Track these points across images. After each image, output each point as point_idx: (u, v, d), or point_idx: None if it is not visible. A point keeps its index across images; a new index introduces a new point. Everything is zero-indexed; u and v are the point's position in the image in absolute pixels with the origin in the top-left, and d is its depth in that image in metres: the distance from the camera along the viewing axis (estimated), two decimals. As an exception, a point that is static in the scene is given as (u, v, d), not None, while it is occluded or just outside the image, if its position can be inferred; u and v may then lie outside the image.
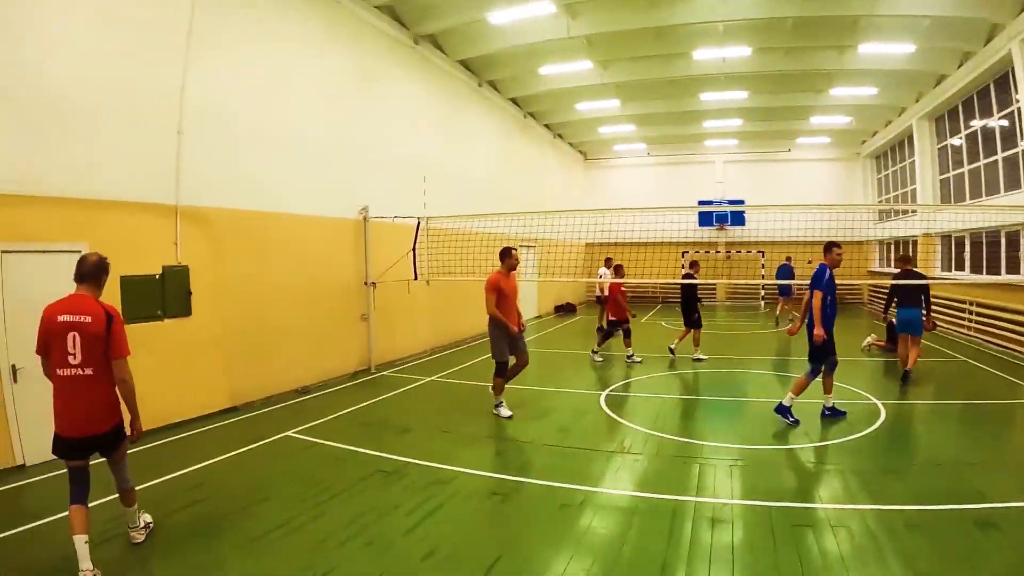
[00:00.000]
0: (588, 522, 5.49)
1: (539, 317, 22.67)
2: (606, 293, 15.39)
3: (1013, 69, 14.81)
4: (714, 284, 29.32)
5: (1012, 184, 16.24)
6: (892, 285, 11.74)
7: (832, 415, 8.79)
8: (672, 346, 14.18)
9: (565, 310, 25.41)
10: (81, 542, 4.29)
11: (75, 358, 4.43)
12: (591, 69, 18.38)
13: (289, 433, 8.38)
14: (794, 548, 4.77)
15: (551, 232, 14.77)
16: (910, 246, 23.12)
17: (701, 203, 28.48)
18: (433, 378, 12.12)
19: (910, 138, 23.15)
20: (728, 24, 15.89)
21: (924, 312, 10.98)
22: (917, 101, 20.99)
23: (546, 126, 25.21)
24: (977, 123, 18.15)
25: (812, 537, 4.97)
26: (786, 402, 8.56)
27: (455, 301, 16.05)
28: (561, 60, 17.63)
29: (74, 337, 4.42)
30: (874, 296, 25.78)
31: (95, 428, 4.56)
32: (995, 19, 14.47)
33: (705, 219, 28.65)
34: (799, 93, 21.68)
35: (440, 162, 16.16)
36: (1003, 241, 16.54)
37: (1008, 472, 6.41)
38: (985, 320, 16.10)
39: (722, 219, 28.57)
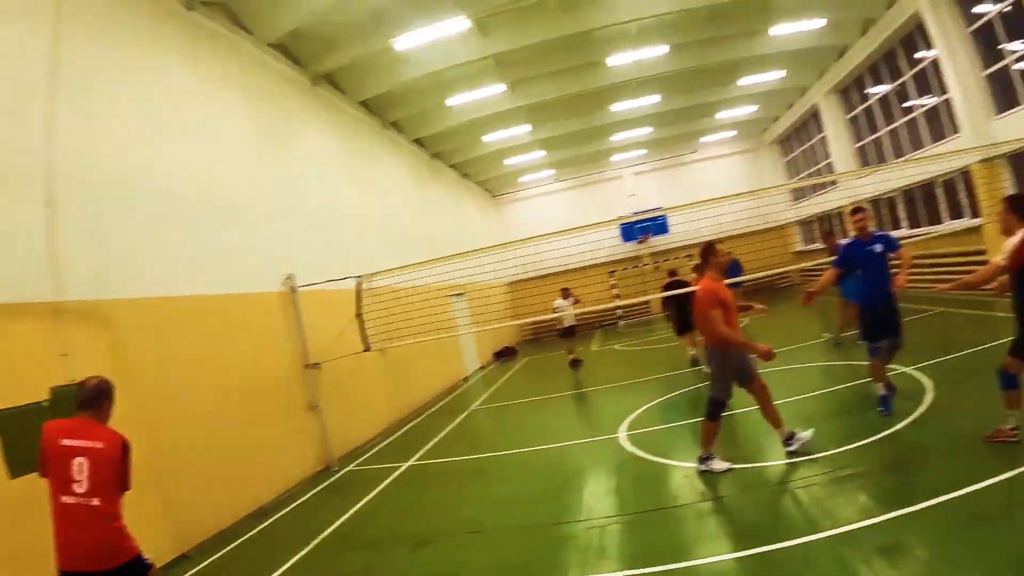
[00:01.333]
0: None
1: (483, 368, 21.49)
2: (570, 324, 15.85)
3: (921, 26, 15.55)
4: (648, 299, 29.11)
5: (937, 135, 16.92)
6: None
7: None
8: (692, 354, 13.47)
9: (506, 355, 24.54)
10: None
11: (81, 486, 4.01)
12: (502, 93, 17.73)
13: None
14: None
15: (479, 274, 14.01)
16: (835, 219, 24.02)
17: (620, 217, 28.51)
18: (411, 462, 10.07)
19: (815, 116, 24.17)
20: (642, 24, 15.69)
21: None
22: (820, 78, 21.80)
23: (452, 166, 24.58)
24: (886, 87, 18.91)
25: None
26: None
27: (405, 366, 14.21)
28: (471, 86, 16.84)
29: (81, 464, 4.03)
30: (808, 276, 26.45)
31: (100, 564, 4.04)
32: (899, -21, 14.96)
33: (627, 234, 28.71)
34: (708, 88, 22.02)
35: (361, 214, 14.65)
36: (941, 191, 17.14)
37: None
38: (944, 268, 16.47)
39: (644, 230, 28.71)
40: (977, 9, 14.17)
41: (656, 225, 28.19)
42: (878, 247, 7.29)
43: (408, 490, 8.64)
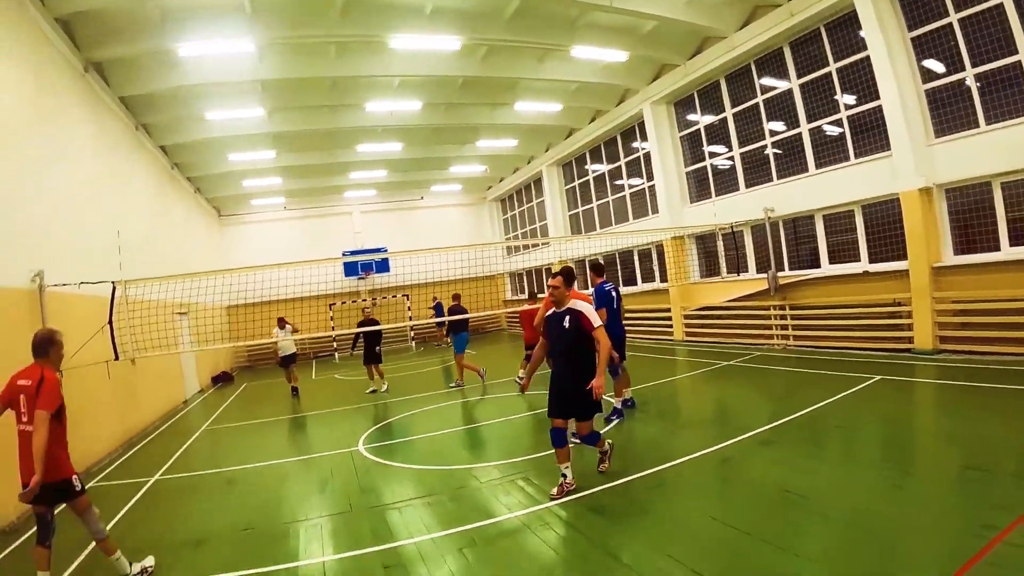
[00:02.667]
0: None
1: (202, 391, 20.68)
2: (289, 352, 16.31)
3: (641, 124, 19.29)
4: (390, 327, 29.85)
5: (640, 213, 20.51)
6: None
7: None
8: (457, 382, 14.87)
9: (223, 380, 23.76)
10: None
11: (25, 416, 5.25)
12: (260, 117, 17.57)
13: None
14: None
15: (202, 295, 13.62)
16: (540, 275, 27.56)
17: (346, 254, 29.06)
18: (157, 477, 9.44)
19: (537, 182, 27.44)
20: (404, 79, 17.00)
21: None
22: (547, 150, 25.02)
23: (188, 179, 23.46)
24: (602, 167, 22.37)
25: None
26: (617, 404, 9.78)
27: (132, 383, 13.06)
28: (232, 104, 16.46)
29: (23, 399, 5.27)
30: (512, 322, 30.01)
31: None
32: (630, 85, 18.34)
33: (350, 269, 29.30)
34: (447, 144, 23.76)
35: (106, 216, 13.24)
36: (636, 257, 20.94)
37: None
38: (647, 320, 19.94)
39: (367, 267, 29.55)
40: (690, 117, 17.78)
41: (378, 264, 29.19)
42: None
43: (164, 501, 8.23)
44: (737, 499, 6.04)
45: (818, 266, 14.60)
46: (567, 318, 6.46)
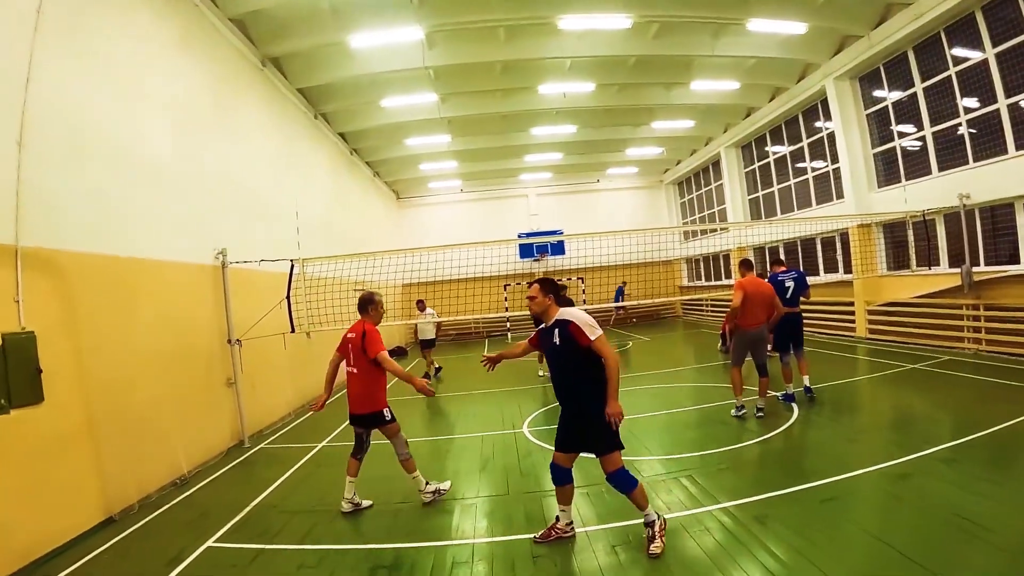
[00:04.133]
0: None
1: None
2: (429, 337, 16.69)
3: (824, 101, 18.13)
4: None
5: (823, 198, 19.28)
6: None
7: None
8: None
9: (398, 353, 25.13)
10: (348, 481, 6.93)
11: (352, 359, 6.89)
12: (433, 103, 18.57)
13: (210, 544, 6.27)
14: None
15: (381, 274, 14.28)
16: (718, 261, 26.73)
17: (521, 236, 29.60)
18: (323, 444, 10.38)
19: (715, 164, 26.58)
20: (576, 60, 17.07)
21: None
22: (725, 131, 24.20)
23: (367, 163, 25.04)
24: (783, 148, 21.24)
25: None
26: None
27: (308, 353, 14.13)
28: (406, 91, 17.51)
29: (350, 348, 6.93)
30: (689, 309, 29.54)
31: (358, 409, 6.94)
32: (811, 59, 17.27)
33: (525, 251, 29.85)
34: (622, 126, 23.68)
35: (288, 199, 14.89)
36: (819, 246, 19.71)
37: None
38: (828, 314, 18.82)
39: (542, 250, 29.95)
40: (876, 92, 16.50)
41: (554, 246, 29.51)
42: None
43: (328, 468, 8.83)
44: (905, 519, 5.60)
45: (1018, 262, 12.99)
46: (556, 331, 5.39)
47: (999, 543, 4.86)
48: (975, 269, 13.62)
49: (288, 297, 11.49)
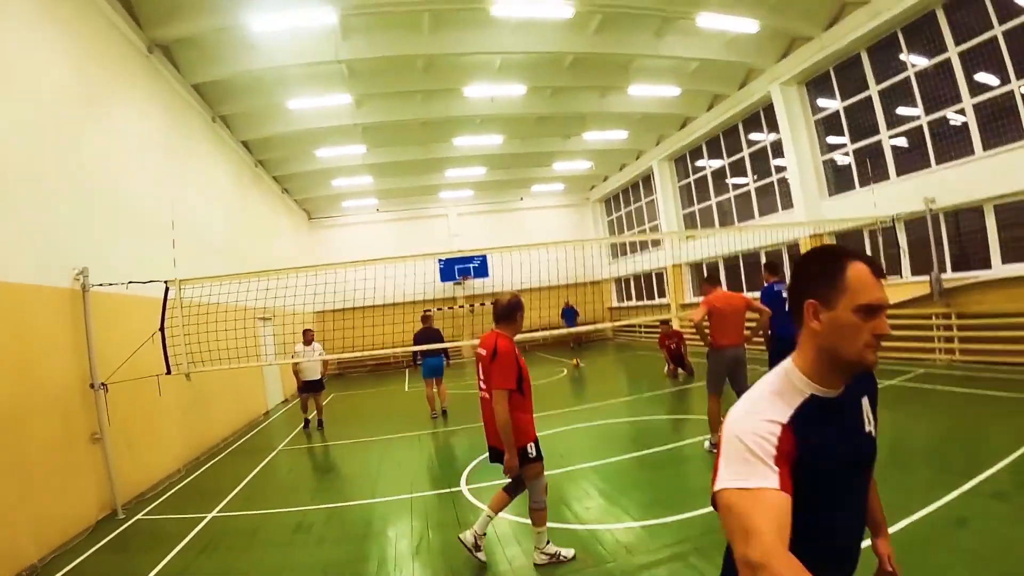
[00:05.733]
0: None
1: (286, 402, 19.50)
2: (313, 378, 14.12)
3: (767, 109, 17.57)
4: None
5: (765, 210, 18.48)
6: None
7: None
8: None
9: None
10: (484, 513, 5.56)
11: (483, 383, 5.40)
12: (347, 105, 16.83)
13: None
14: None
15: (284, 300, 12.40)
16: (651, 280, 25.77)
17: (441, 263, 28.16)
18: (215, 513, 8.10)
19: (646, 179, 25.75)
20: (507, 58, 15.75)
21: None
22: (658, 144, 23.36)
23: (274, 178, 22.91)
24: (723, 161, 20.62)
25: None
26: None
27: (202, 395, 12.01)
28: (316, 91, 15.63)
29: (479, 366, 5.43)
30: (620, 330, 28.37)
31: (496, 442, 5.38)
32: (756, 63, 16.50)
33: (447, 273, 28.41)
34: (551, 138, 22.53)
35: (175, 213, 12.11)
36: (763, 259, 18.87)
37: None
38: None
39: (464, 272, 28.54)
40: (826, 97, 15.89)
41: (476, 268, 28.13)
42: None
43: (216, 552, 6.67)
44: None
45: (989, 266, 12.39)
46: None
47: None
48: (944, 276, 12.87)
49: (162, 329, 9.18)
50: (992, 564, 4.53)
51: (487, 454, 5.75)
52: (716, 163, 21.22)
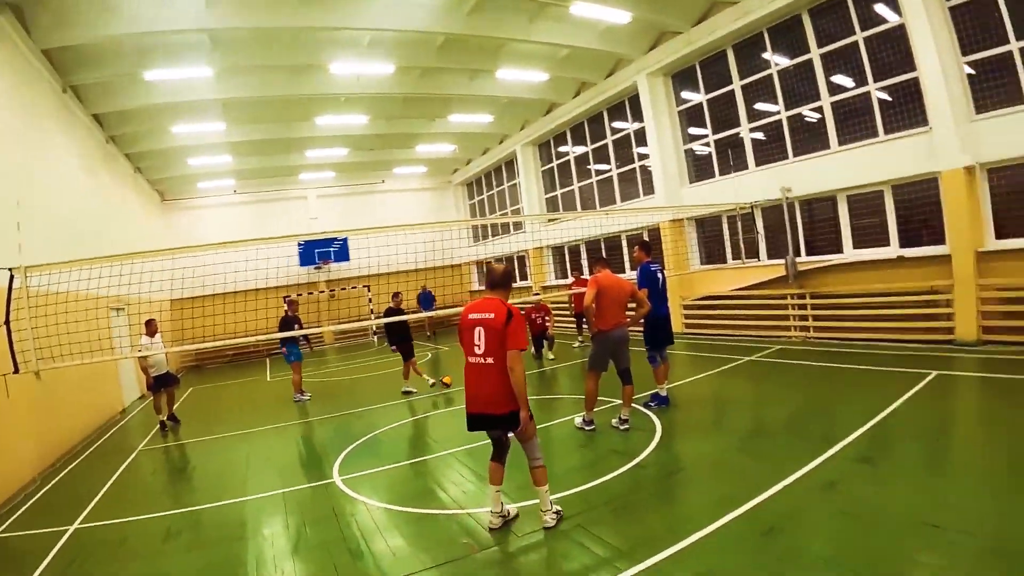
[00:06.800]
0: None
1: (143, 398, 17.17)
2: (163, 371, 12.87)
3: (632, 98, 18.00)
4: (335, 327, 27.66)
5: (629, 195, 19.06)
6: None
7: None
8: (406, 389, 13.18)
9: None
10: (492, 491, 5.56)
11: (480, 348, 5.30)
12: (208, 78, 15.44)
13: None
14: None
15: (138, 288, 11.15)
16: (512, 263, 25.90)
17: (301, 245, 26.96)
18: (77, 525, 7.15)
19: (509, 163, 25.79)
20: (376, 35, 15.06)
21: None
22: (522, 128, 23.38)
23: (127, 156, 21.04)
24: (587, 147, 20.99)
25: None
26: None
27: (56, 394, 10.77)
28: (176, 62, 14.14)
29: (479, 332, 5.30)
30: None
31: (491, 409, 5.32)
32: (626, 53, 16.84)
33: (306, 258, 27.31)
34: (417, 119, 22.02)
35: (19, 191, 10.68)
36: (625, 243, 19.61)
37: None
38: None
39: (324, 256, 27.55)
40: (691, 90, 16.53)
41: (337, 252, 27.25)
42: None
43: (83, 568, 5.89)
44: (871, 539, 4.60)
45: (840, 251, 13.37)
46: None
47: (984, 545, 4.30)
48: (798, 259, 13.72)
49: (7, 322, 8.10)
50: (863, 522, 4.88)
51: (358, 441, 5.54)
52: (580, 149, 21.55)
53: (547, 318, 15.61)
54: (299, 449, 9.88)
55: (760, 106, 14.65)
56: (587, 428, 8.35)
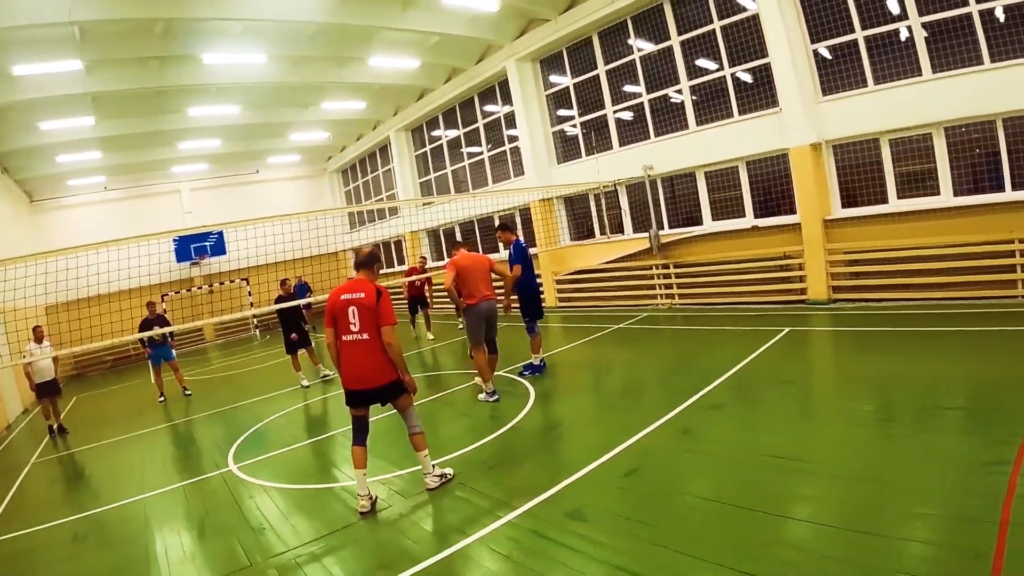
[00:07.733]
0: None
1: (27, 412, 16.62)
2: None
3: (503, 83, 18.77)
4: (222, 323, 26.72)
5: (500, 177, 19.96)
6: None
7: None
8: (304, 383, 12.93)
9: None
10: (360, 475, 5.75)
11: (355, 326, 5.59)
12: (77, 72, 14.74)
13: None
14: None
15: (13, 295, 10.34)
16: (390, 248, 26.20)
17: (176, 241, 26.05)
18: None
19: (383, 149, 26.03)
20: (249, 25, 14.95)
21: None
22: (395, 114, 23.74)
23: (-9, 155, 19.55)
24: (459, 131, 21.69)
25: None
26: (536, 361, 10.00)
27: None
28: (44, 55, 13.57)
29: (353, 310, 5.59)
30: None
31: (371, 383, 5.66)
32: (495, 40, 17.62)
33: (182, 254, 26.44)
34: (290, 108, 21.89)
35: None
36: (496, 223, 19.95)
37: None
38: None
39: (201, 251, 26.76)
40: (558, 75, 17.52)
41: (213, 246, 26.58)
42: None
43: None
44: (722, 473, 5.45)
45: (701, 223, 14.68)
46: None
47: (818, 470, 5.09)
48: (661, 232, 14.83)
49: None
50: (714, 459, 5.75)
51: (249, 431, 5.84)
52: (452, 133, 22.19)
53: (425, 283, 16.48)
54: (192, 444, 9.93)
55: (626, 88, 15.75)
56: (491, 399, 8.78)
